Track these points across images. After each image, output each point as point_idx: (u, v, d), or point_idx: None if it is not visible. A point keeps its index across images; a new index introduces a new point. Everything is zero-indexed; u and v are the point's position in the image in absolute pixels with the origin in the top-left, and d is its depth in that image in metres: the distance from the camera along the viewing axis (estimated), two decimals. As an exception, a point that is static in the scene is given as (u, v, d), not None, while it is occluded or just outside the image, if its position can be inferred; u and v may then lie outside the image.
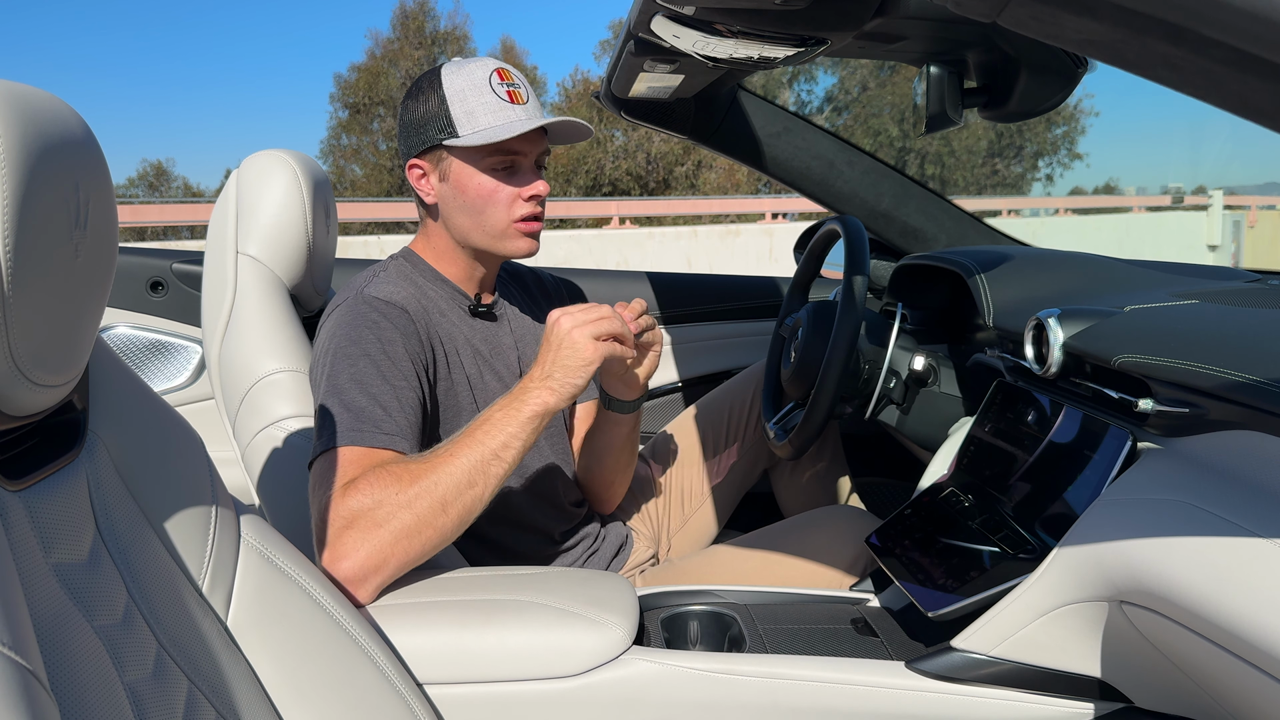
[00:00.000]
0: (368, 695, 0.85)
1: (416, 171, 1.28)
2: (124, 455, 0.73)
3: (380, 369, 1.14)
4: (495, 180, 1.24)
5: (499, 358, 1.35)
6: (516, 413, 1.07)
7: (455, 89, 1.23)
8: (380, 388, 1.13)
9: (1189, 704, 0.87)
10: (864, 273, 1.32)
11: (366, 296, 1.22)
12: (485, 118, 1.22)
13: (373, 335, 1.17)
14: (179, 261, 2.02)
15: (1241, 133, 49.52)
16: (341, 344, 1.16)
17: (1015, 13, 0.48)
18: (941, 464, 1.30)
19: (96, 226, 0.63)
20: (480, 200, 1.25)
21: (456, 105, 1.22)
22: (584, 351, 1.10)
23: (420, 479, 1.02)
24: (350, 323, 1.18)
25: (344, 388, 1.12)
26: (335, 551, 0.99)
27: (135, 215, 12.19)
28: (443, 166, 1.26)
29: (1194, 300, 1.11)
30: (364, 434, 1.08)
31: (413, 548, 1.01)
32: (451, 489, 1.02)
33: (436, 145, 1.24)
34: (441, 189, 1.27)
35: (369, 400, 1.11)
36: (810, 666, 0.98)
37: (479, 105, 1.22)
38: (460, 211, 1.27)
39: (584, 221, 15.52)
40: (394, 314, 1.20)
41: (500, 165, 1.24)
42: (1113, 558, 0.82)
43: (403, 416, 1.12)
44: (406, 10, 26.47)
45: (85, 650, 0.60)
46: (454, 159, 1.24)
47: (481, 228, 1.27)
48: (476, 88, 1.22)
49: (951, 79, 1.37)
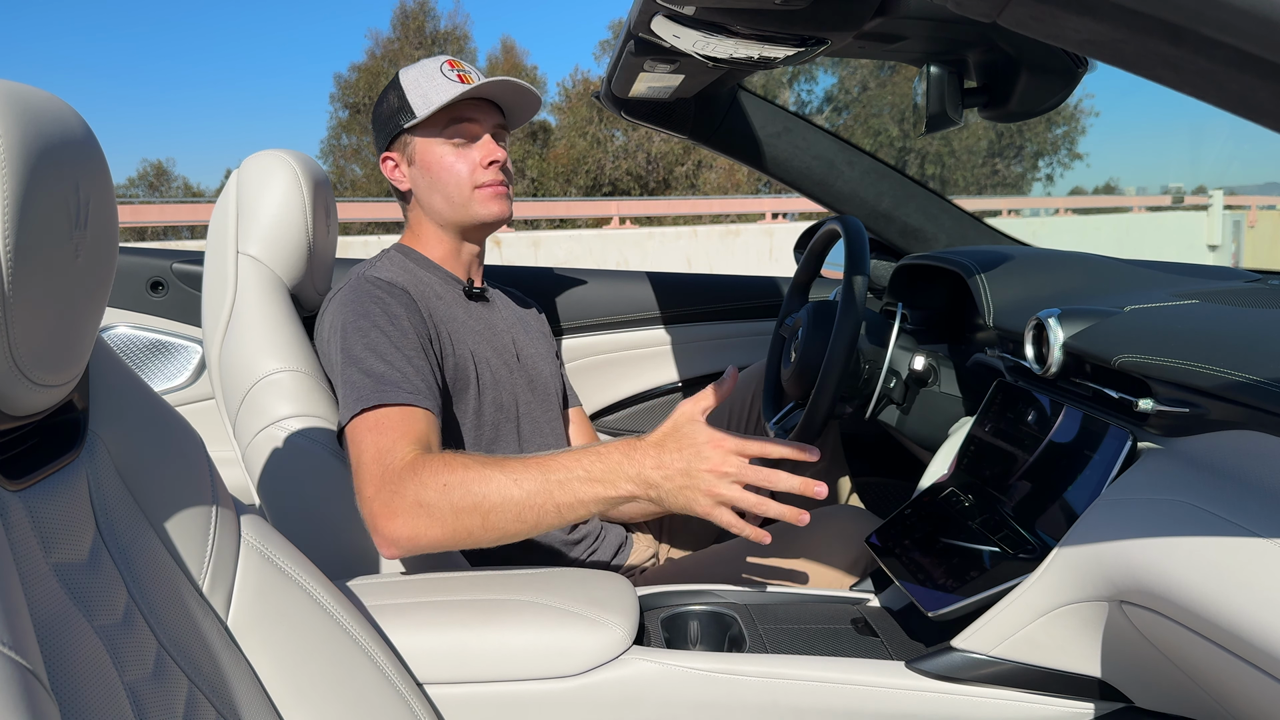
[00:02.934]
0: (368, 695, 0.85)
1: (389, 163, 1.39)
2: (124, 455, 0.73)
3: (391, 338, 1.20)
4: (455, 150, 1.34)
5: (496, 337, 1.42)
6: (600, 489, 1.00)
7: (410, 79, 1.35)
8: (394, 355, 1.18)
9: (1189, 704, 0.87)
10: (864, 273, 1.32)
11: (369, 278, 1.28)
12: (437, 96, 1.31)
13: (379, 309, 1.22)
14: (179, 261, 2.02)
15: (1241, 133, 49.51)
16: (350, 318, 1.22)
17: (1015, 13, 0.48)
18: (941, 464, 1.30)
19: (96, 226, 0.63)
20: (443, 172, 1.34)
21: (412, 92, 1.33)
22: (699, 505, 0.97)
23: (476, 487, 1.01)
24: (356, 300, 1.24)
25: (360, 357, 1.17)
26: (384, 510, 1.02)
27: (135, 215, 12.19)
28: (409, 151, 1.36)
29: (1194, 300, 1.11)
30: (389, 393, 1.12)
31: (442, 537, 1.03)
32: (498, 511, 1.01)
33: (401, 132, 1.35)
34: (412, 173, 1.38)
35: (386, 365, 1.16)
36: (810, 666, 0.98)
37: (431, 88, 1.32)
38: (430, 190, 1.36)
39: (584, 221, 15.53)
40: (396, 292, 1.26)
41: (456, 136, 1.34)
42: (1113, 557, 0.82)
43: (420, 379, 1.17)
44: (406, 10, 26.51)
45: (85, 650, 0.60)
46: (416, 140, 1.35)
47: (450, 200, 1.35)
48: (429, 75, 1.34)
49: (951, 79, 1.37)
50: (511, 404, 1.38)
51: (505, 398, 1.37)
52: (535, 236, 11.32)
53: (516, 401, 1.39)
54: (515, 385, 1.40)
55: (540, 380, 1.46)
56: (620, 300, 2.06)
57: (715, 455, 0.95)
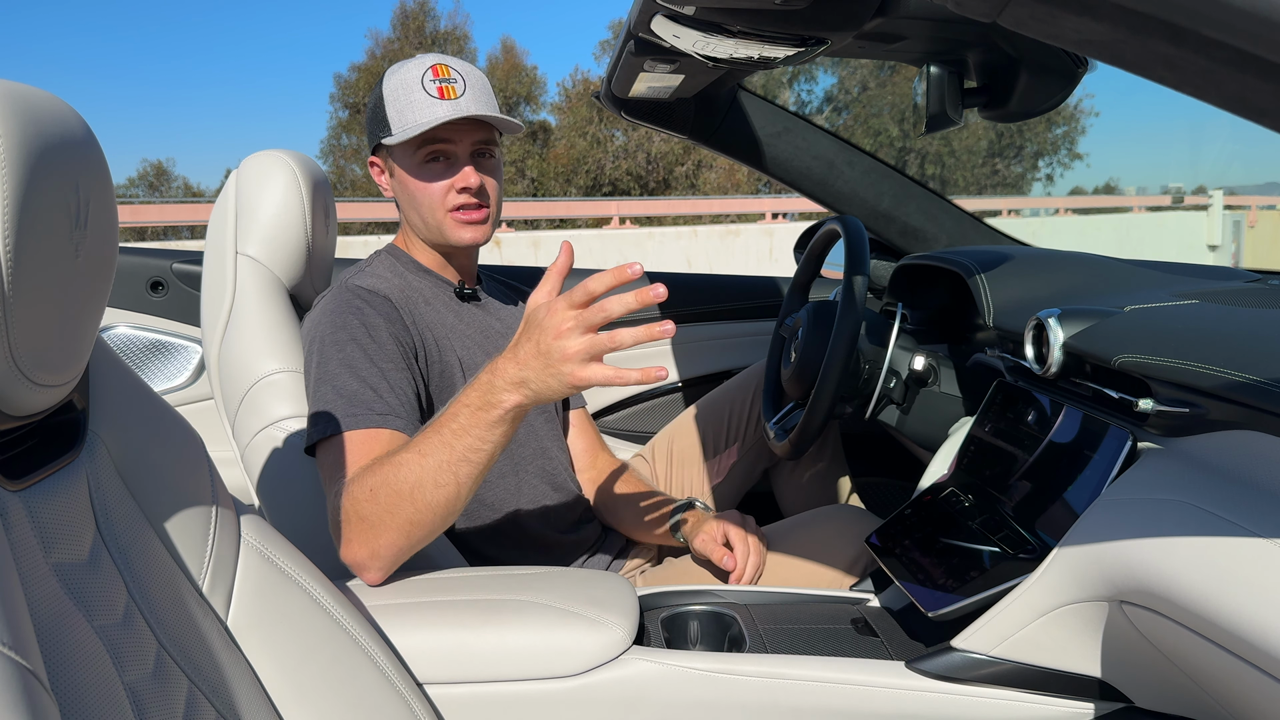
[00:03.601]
0: (368, 695, 0.85)
1: (376, 168, 1.37)
2: (124, 455, 0.73)
3: (367, 352, 1.18)
4: (428, 172, 1.30)
5: (490, 341, 1.40)
6: (485, 415, 0.98)
7: (390, 89, 1.29)
8: (369, 370, 1.16)
9: (1189, 704, 0.87)
10: (864, 273, 1.32)
11: (351, 286, 1.27)
12: (412, 115, 1.26)
13: (357, 320, 1.21)
14: (179, 261, 2.02)
15: (1241, 133, 49.54)
16: (328, 330, 1.21)
17: (1015, 13, 0.48)
18: (941, 464, 1.30)
19: (96, 226, 0.63)
20: (416, 194, 1.31)
21: (390, 105, 1.28)
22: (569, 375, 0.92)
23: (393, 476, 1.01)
24: (335, 310, 1.23)
25: (334, 373, 1.16)
26: (341, 539, 1.04)
27: (135, 215, 12.19)
28: (389, 164, 1.34)
29: (1194, 300, 1.11)
30: (358, 417, 1.12)
31: (395, 540, 1.02)
32: (420, 488, 1.00)
33: (379, 144, 1.33)
34: (393, 184, 1.36)
35: (359, 383, 1.15)
36: (810, 666, 0.98)
37: (408, 104, 1.27)
38: (407, 205, 1.35)
39: (584, 221, 15.53)
40: (377, 301, 1.25)
41: (430, 158, 1.29)
42: (1113, 558, 0.82)
43: (393, 396, 1.16)
44: (407, 10, 26.50)
45: (85, 650, 0.60)
46: (394, 156, 1.32)
47: (423, 220, 1.34)
48: (407, 87, 1.27)
49: (951, 79, 1.37)
50: None
51: None
52: (535, 236, 11.31)
53: None
54: None
55: None
56: None
57: (552, 321, 0.92)
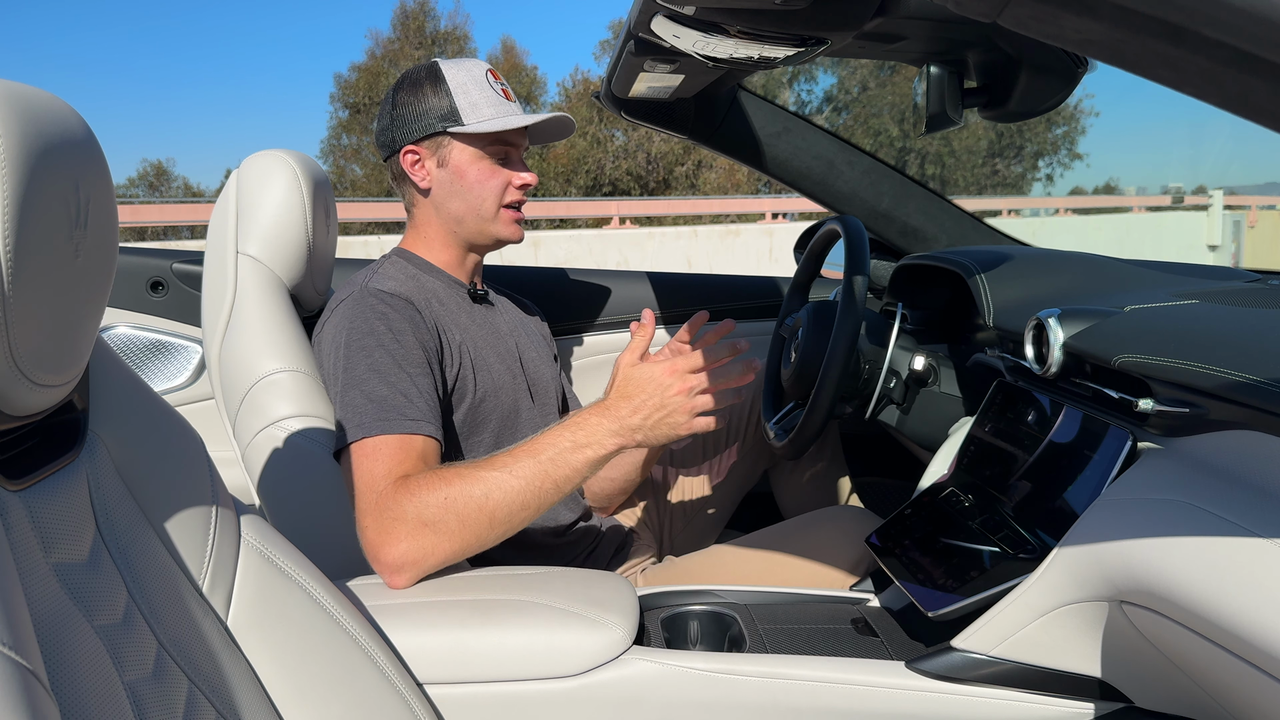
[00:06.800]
0: (368, 695, 0.85)
1: (412, 157, 1.36)
2: (124, 455, 0.73)
3: (395, 358, 1.19)
4: (491, 167, 1.36)
5: (500, 341, 1.41)
6: (587, 452, 1.08)
7: (458, 82, 1.34)
8: (398, 375, 1.18)
9: (1189, 704, 0.87)
10: (864, 273, 1.32)
11: (371, 290, 1.27)
12: (487, 109, 1.34)
13: (384, 326, 1.22)
14: (179, 261, 2.02)
15: (1241, 133, 49.47)
16: (354, 336, 1.21)
17: (1015, 13, 0.48)
18: (941, 464, 1.30)
19: (96, 226, 0.63)
20: (478, 185, 1.36)
21: (461, 96, 1.33)
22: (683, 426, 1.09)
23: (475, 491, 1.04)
24: (359, 315, 1.23)
25: (363, 378, 1.17)
26: (383, 538, 1.04)
27: (135, 215, 12.20)
28: (442, 153, 1.35)
29: (1194, 300, 1.11)
30: (391, 422, 1.13)
31: (454, 551, 1.05)
32: (503, 507, 1.05)
33: (438, 133, 1.34)
34: (439, 174, 1.36)
35: (389, 389, 1.16)
36: (810, 666, 0.98)
37: (481, 98, 1.34)
38: (455, 196, 1.36)
39: (584, 221, 15.52)
40: (400, 305, 1.25)
41: (497, 155, 1.36)
42: (1113, 557, 0.82)
43: (423, 402, 1.17)
44: (407, 10, 26.51)
45: (85, 650, 0.60)
46: (456, 145, 1.35)
47: (475, 211, 1.36)
48: (478, 83, 1.35)
49: (951, 79, 1.37)
50: (512, 408, 1.38)
51: (506, 402, 1.37)
52: (535, 236, 11.31)
53: (517, 406, 1.39)
54: (516, 390, 1.40)
55: (541, 384, 1.46)
56: (620, 300, 2.06)
57: (676, 380, 1.08)
